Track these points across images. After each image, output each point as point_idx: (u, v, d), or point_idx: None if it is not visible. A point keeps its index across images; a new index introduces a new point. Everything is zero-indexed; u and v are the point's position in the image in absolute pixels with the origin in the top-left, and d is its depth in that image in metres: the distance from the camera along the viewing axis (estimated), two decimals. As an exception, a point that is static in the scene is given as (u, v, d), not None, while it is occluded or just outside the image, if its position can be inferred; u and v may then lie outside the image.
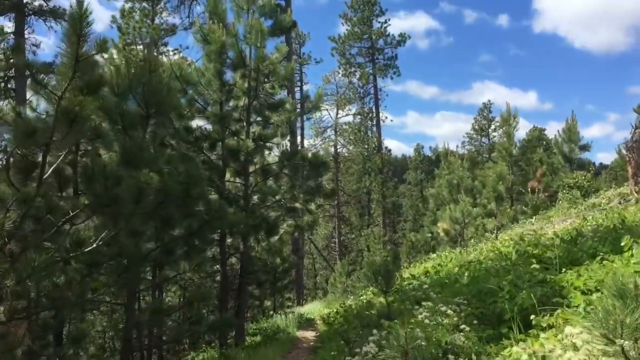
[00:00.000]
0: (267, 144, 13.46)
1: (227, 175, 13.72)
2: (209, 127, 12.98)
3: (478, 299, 6.21)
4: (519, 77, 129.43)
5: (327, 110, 51.44)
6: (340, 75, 47.55)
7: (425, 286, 8.14)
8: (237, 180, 13.63)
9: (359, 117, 49.18)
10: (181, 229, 7.38)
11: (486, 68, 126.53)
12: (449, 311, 6.08)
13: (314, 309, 22.10)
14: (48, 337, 7.30)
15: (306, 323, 17.68)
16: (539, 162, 25.87)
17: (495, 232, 14.98)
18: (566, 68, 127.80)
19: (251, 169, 13.62)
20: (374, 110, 48.03)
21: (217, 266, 13.33)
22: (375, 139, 47.93)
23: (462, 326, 5.21)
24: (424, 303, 6.55)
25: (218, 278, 13.65)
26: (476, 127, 60.64)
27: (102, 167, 5.36)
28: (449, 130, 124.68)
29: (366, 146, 48.40)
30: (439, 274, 10.54)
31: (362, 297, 15.76)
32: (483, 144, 59.52)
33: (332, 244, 51.91)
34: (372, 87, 47.55)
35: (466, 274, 7.76)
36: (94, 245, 5.21)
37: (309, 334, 14.92)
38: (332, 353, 7.57)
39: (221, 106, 12.79)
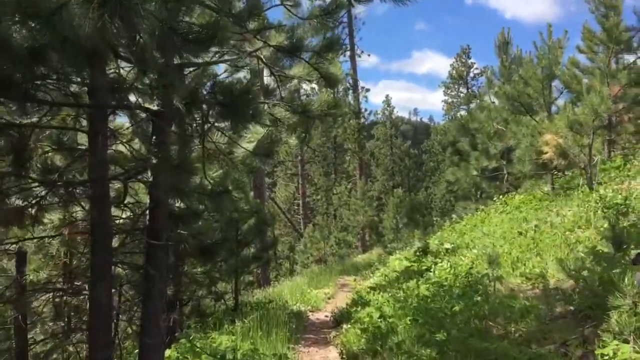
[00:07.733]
0: None
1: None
2: None
3: None
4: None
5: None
6: (304, -3, 38.21)
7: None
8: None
9: (327, 53, 40.36)
10: None
11: (425, 37, 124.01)
12: None
13: (296, 290, 13.64)
14: None
15: (297, 323, 9.29)
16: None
17: None
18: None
19: None
20: (347, 43, 39.31)
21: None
22: (351, 78, 39.41)
23: None
24: None
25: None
26: (454, 74, 53.75)
27: None
28: (394, 99, 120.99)
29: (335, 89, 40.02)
30: None
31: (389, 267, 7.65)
32: (461, 94, 53.03)
33: (295, 207, 44.07)
34: (346, 13, 38.70)
35: None
36: None
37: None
38: None
39: None
